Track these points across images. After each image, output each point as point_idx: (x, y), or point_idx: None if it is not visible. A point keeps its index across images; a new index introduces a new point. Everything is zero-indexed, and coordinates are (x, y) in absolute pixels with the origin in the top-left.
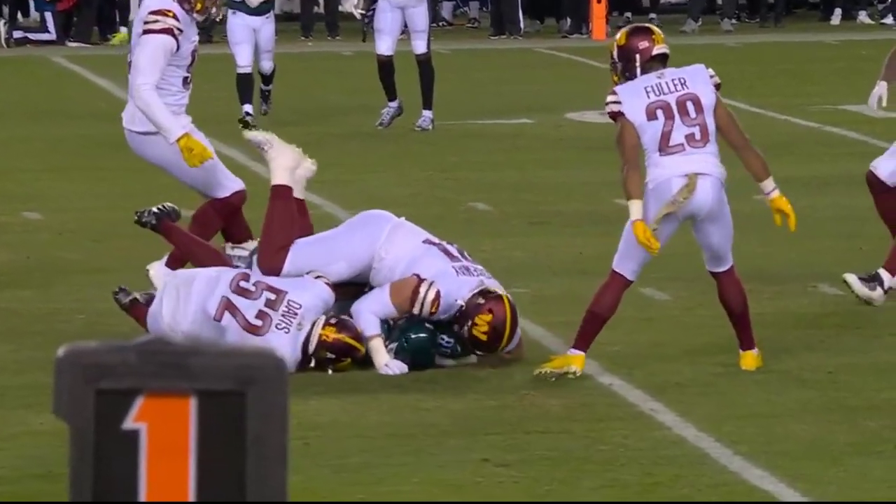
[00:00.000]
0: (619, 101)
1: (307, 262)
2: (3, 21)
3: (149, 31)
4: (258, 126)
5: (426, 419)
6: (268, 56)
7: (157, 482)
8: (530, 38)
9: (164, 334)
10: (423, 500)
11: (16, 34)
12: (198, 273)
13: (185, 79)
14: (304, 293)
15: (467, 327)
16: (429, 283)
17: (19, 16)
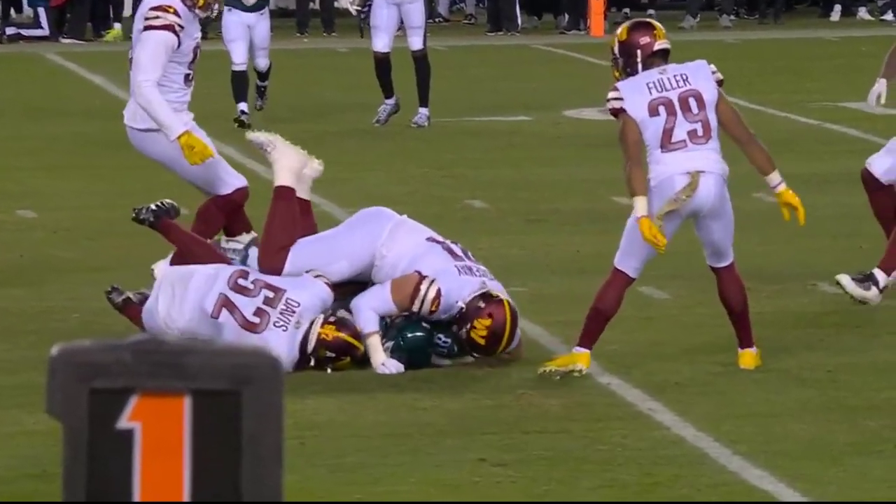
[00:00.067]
0: (620, 98)
1: (308, 261)
2: None
3: (150, 27)
4: (253, 125)
5: (423, 419)
6: (263, 53)
7: (152, 482)
8: (527, 35)
9: (158, 331)
10: (420, 500)
11: (8, 31)
12: (195, 270)
13: (186, 76)
14: (302, 292)
15: (466, 330)
16: (430, 281)
17: (12, 12)
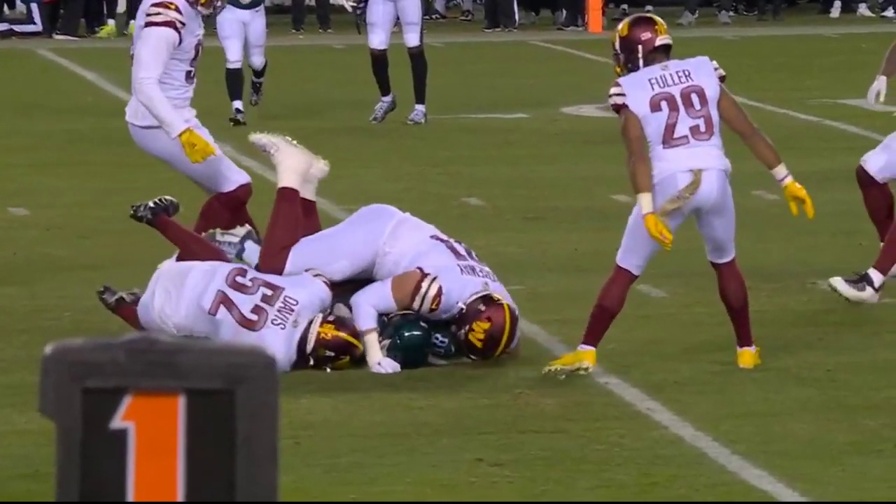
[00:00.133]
0: (622, 93)
1: (309, 260)
2: None
3: (151, 23)
4: (248, 121)
5: (419, 418)
6: (258, 51)
7: (145, 482)
8: (525, 31)
9: (154, 326)
10: (416, 501)
11: (1, 26)
12: (193, 266)
13: (188, 73)
14: (301, 290)
15: (464, 331)
16: (431, 279)
17: (5, 8)
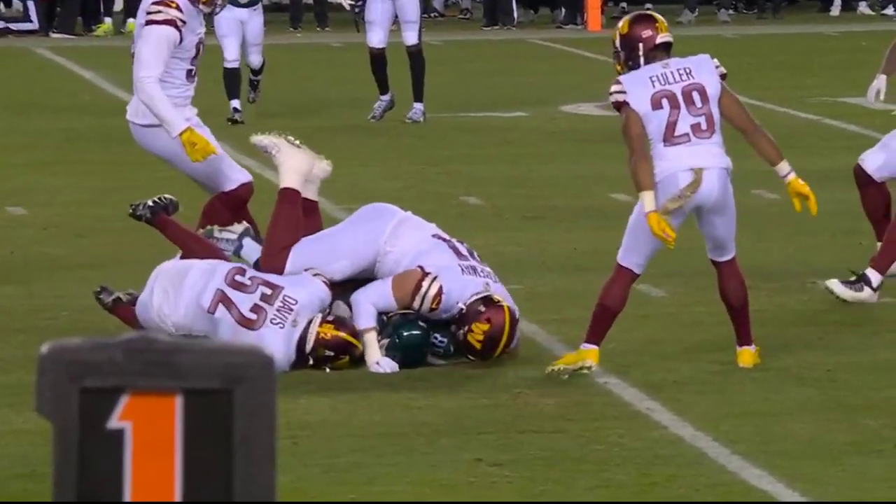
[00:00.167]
0: (623, 91)
1: (309, 259)
2: None
3: (151, 21)
4: (245, 120)
5: (418, 418)
6: (256, 50)
7: (143, 482)
8: (524, 29)
9: (153, 325)
10: (415, 501)
11: None
12: (192, 265)
13: (189, 71)
14: (300, 290)
15: (463, 332)
16: (432, 278)
17: (1, 5)
